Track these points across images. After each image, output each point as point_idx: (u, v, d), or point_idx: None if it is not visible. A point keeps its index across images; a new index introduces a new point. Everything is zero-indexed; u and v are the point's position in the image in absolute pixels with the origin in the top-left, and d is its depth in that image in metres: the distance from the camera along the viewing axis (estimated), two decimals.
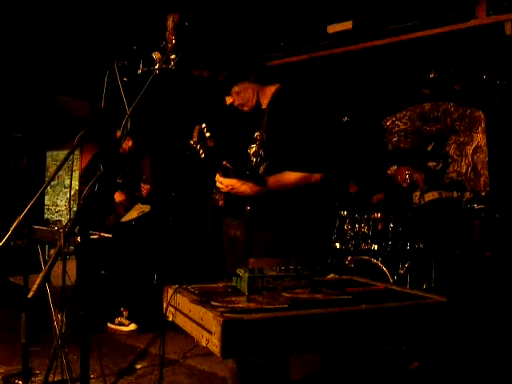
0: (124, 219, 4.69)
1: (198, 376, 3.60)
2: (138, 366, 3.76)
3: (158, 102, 6.11)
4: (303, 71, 6.03)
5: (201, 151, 2.36)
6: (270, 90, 2.52)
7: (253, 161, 2.56)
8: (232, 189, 2.38)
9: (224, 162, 2.38)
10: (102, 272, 5.52)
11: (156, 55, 2.24)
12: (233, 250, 5.33)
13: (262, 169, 2.48)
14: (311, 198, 2.40)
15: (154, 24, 2.48)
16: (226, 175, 2.38)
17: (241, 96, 2.49)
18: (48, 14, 5.61)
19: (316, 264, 2.27)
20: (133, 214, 4.68)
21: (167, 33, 2.32)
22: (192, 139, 2.40)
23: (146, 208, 4.76)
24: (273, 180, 2.37)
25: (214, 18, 5.42)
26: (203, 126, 2.38)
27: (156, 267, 6.22)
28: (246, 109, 2.54)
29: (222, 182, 2.39)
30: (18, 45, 5.75)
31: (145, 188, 4.87)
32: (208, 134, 2.36)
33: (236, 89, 2.49)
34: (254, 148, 2.59)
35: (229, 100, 2.53)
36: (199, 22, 2.47)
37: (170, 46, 2.26)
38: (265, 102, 2.54)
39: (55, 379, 2.74)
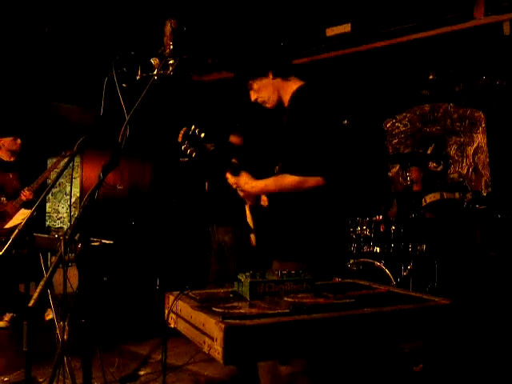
0: (9, 225, 4.67)
1: (202, 382, 3.59)
2: (142, 373, 3.74)
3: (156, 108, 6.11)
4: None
5: (188, 151, 2.26)
6: (292, 87, 2.41)
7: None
8: (238, 187, 2.37)
9: (233, 160, 2.37)
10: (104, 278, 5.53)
11: (154, 61, 2.23)
12: (221, 256, 5.34)
13: (276, 168, 2.43)
14: (316, 203, 2.28)
15: (152, 30, 2.47)
16: (235, 173, 2.36)
17: (261, 94, 2.43)
18: (46, 21, 5.63)
19: (330, 270, 2.19)
20: (18, 219, 4.67)
21: (165, 38, 2.31)
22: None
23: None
24: (270, 181, 2.31)
25: (211, 23, 5.43)
26: (192, 127, 2.29)
27: (158, 273, 6.22)
28: (268, 106, 2.47)
29: (229, 180, 2.38)
30: (17, 52, 5.76)
31: (25, 194, 4.81)
32: (203, 135, 2.28)
33: (255, 86, 2.42)
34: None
35: (252, 96, 2.47)
36: (197, 27, 2.43)
37: (168, 51, 2.25)
38: (287, 100, 2.44)
39: None
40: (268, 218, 2.48)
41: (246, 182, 2.34)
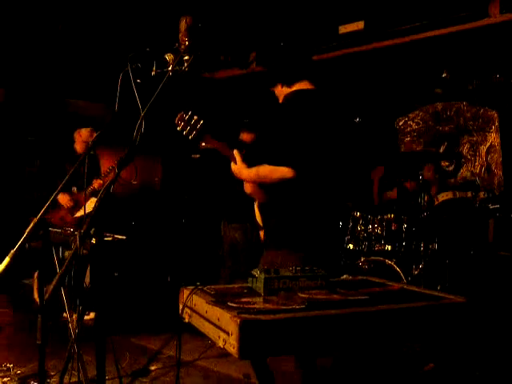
0: (78, 214, 4.62)
1: (213, 377, 3.60)
2: (153, 368, 3.76)
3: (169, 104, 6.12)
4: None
5: (185, 132, 2.43)
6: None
7: None
8: (235, 174, 2.50)
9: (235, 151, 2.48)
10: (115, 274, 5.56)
11: (169, 57, 2.24)
12: (233, 252, 5.39)
13: None
14: (294, 195, 2.35)
15: (167, 26, 2.49)
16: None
17: (280, 100, 2.55)
18: (60, 18, 5.67)
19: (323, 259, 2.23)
20: (87, 208, 4.65)
21: (180, 35, 2.32)
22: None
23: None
24: (253, 169, 2.42)
25: (223, 20, 5.43)
26: (189, 112, 2.46)
27: (169, 268, 6.24)
28: None
29: (232, 167, 2.49)
30: (31, 49, 5.81)
31: (97, 183, 4.77)
32: (202, 121, 2.45)
33: (276, 93, 2.55)
34: None
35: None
36: (210, 23, 2.46)
37: (183, 47, 2.27)
38: None
39: (70, 381, 2.75)
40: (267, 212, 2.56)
41: (238, 169, 2.45)
